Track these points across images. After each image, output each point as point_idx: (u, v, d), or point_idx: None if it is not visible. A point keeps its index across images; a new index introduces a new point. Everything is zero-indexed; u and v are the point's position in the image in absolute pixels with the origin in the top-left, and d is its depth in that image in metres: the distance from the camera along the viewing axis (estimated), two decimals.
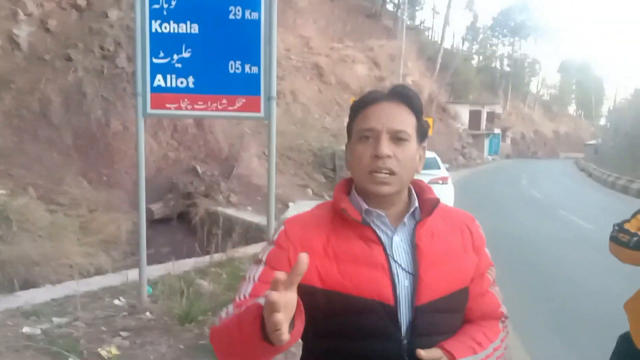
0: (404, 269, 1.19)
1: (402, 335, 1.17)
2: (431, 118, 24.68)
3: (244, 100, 4.71)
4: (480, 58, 68.91)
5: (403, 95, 1.24)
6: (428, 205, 1.27)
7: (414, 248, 1.21)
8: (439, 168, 11.61)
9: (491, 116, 45.73)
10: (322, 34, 28.71)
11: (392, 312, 1.17)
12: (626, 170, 27.90)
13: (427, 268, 1.20)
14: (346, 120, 1.36)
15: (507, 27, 68.14)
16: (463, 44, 68.51)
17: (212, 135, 13.20)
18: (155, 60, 4.74)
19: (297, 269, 0.92)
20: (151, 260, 6.30)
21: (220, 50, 4.68)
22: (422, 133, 1.27)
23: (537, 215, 13.92)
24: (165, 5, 4.67)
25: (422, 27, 52.25)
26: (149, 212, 10.57)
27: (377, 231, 1.22)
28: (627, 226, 2.06)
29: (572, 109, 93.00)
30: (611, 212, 13.63)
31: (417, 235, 1.23)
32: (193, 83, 4.74)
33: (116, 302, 5.10)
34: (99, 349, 3.76)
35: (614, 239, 2.06)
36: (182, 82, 4.74)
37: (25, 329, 4.10)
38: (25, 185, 9.47)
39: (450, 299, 1.22)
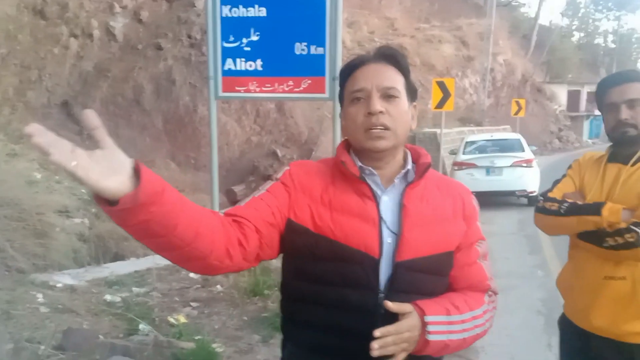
0: (388, 227, 1.22)
1: (381, 288, 1.19)
2: (524, 99, 23.53)
3: (309, 82, 4.76)
4: (582, 34, 64.39)
5: (389, 56, 1.27)
6: (421, 169, 1.29)
7: (401, 208, 1.23)
8: (523, 150, 11.12)
9: (592, 97, 42.63)
10: (408, 14, 28.11)
11: (375, 265, 1.19)
12: None
13: (411, 227, 1.22)
14: (429, 102, 1.39)
15: (613, 0, 62.99)
16: (562, 20, 64.40)
17: (293, 119, 13.44)
18: (225, 45, 4.91)
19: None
20: None
21: (286, 32, 4.76)
22: (411, 92, 1.30)
23: None
24: None
25: (516, 4, 49.57)
26: (232, 193, 11.04)
27: (372, 187, 1.25)
28: (551, 195, 1.96)
29: None
30: None
31: (406, 196, 1.25)
32: (261, 66, 4.87)
33: (192, 275, 5.39)
34: (169, 317, 4.01)
35: (541, 209, 1.96)
36: (250, 65, 4.88)
37: (107, 297, 4.46)
38: None
39: (432, 260, 1.23)
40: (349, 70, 1.28)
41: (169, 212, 1.00)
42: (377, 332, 1.12)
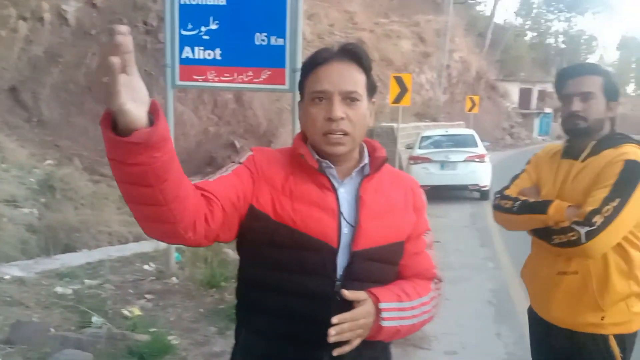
0: (345, 219, 1.26)
1: (337, 277, 1.23)
2: (478, 96, 24.09)
3: (269, 73, 4.74)
4: (534, 34, 66.34)
5: (352, 53, 1.28)
6: (376, 163, 1.32)
7: (358, 200, 1.27)
8: (476, 146, 11.42)
9: (543, 95, 44.03)
10: (368, 8, 28.24)
11: (333, 254, 1.23)
12: None
13: (367, 218, 1.26)
14: (387, 97, 1.40)
15: (564, 2, 65.09)
16: (516, 19, 66.13)
17: (252, 110, 13.34)
18: (184, 33, 4.82)
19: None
20: None
21: (246, 22, 4.72)
22: (371, 89, 1.32)
23: None
24: None
25: (472, 2, 50.60)
26: None
27: (331, 179, 1.28)
28: (507, 192, 2.03)
29: (630, 88, 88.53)
30: None
31: (362, 189, 1.29)
32: (220, 55, 4.81)
33: (146, 267, 5.31)
34: (123, 309, 3.94)
35: (497, 207, 2.03)
36: (209, 54, 4.81)
37: (58, 289, 4.34)
38: (71, 156, 9.88)
39: (385, 250, 1.28)
40: (312, 65, 1.28)
41: (166, 163, 0.98)
42: (334, 319, 1.15)
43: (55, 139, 10.17)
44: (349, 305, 1.19)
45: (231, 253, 5.54)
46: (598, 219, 1.68)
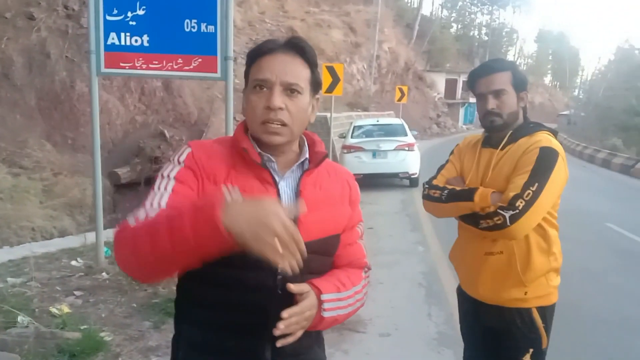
0: None
1: (279, 271, 1.23)
2: (406, 86, 24.71)
3: (200, 60, 4.65)
4: (459, 26, 68.70)
5: (298, 47, 1.29)
6: (316, 158, 1.35)
7: (298, 194, 1.30)
8: (406, 135, 11.76)
9: (467, 85, 45.87)
10: None
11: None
12: (594, 141, 28.48)
13: (307, 212, 1.26)
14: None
15: None
16: (442, 11, 68.18)
17: (181, 99, 13.00)
18: (109, 18, 4.64)
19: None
20: (117, 224, 6.30)
21: (175, 8, 4.59)
22: (315, 85, 1.33)
23: None
24: None
25: None
26: (115, 176, 10.49)
27: (273, 174, 1.29)
28: (435, 182, 2.16)
29: (547, 79, 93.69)
30: (576, 181, 13.94)
31: (302, 184, 1.31)
32: (148, 42, 4.66)
33: (73, 263, 5.10)
34: (51, 307, 3.78)
35: (426, 197, 2.16)
36: (136, 41, 4.66)
37: None
38: None
39: (324, 242, 1.32)
40: (257, 54, 1.28)
41: None
42: (284, 314, 1.17)
43: None
44: (290, 297, 1.22)
45: None
46: (520, 203, 1.81)
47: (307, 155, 1.35)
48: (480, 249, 2.03)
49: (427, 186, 2.16)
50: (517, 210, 1.81)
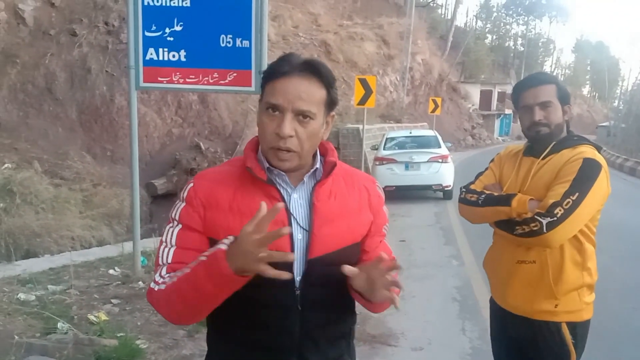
0: (300, 225, 1.28)
1: (296, 286, 1.26)
2: (440, 97, 24.53)
3: (235, 74, 4.75)
4: (494, 37, 67.96)
5: (314, 69, 1.27)
6: (328, 167, 1.34)
7: (311, 206, 1.29)
8: (439, 147, 11.66)
9: (502, 96, 45.15)
10: (331, 10, 28.41)
11: (288, 265, 1.23)
12: (635, 153, 27.64)
13: (321, 225, 1.28)
14: (352, 99, 1.41)
15: (522, 6, 66.96)
16: (476, 22, 67.63)
17: (216, 112, 13.24)
18: (147, 34, 4.78)
19: (268, 217, 1.06)
20: (154, 234, 6.45)
21: (211, 23, 4.71)
22: (331, 103, 1.32)
23: None
24: None
25: (434, 5, 51.45)
26: (152, 187, 10.73)
27: (280, 189, 1.29)
28: (472, 187, 2.15)
29: (586, 90, 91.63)
30: (616, 194, 13.53)
31: (315, 195, 1.30)
32: (185, 57, 4.79)
33: (111, 271, 5.24)
34: (89, 315, 3.88)
35: (463, 200, 2.14)
36: (173, 56, 4.79)
37: (21, 295, 4.24)
38: (31, 159, 9.61)
39: (341, 253, 1.30)
40: (272, 75, 1.27)
41: None
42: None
43: (14, 141, 9.87)
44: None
45: None
46: (559, 211, 1.79)
47: (319, 165, 1.34)
48: (513, 257, 2.01)
49: (464, 190, 2.16)
50: (555, 218, 1.78)
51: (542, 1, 66.37)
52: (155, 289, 1.24)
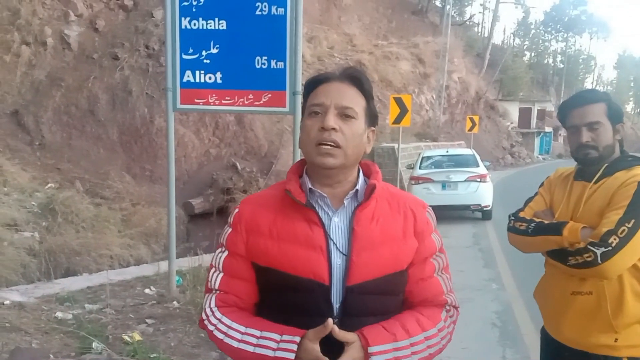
0: (339, 249, 1.23)
1: (334, 314, 1.20)
2: (477, 116, 24.19)
3: (269, 95, 4.77)
4: (532, 54, 66.96)
5: (354, 78, 1.28)
6: (369, 189, 1.29)
7: (351, 230, 1.24)
8: (477, 166, 11.42)
9: (542, 114, 44.26)
10: (367, 31, 28.61)
11: (325, 292, 1.20)
12: None
13: (360, 251, 1.22)
14: (388, 117, 1.40)
15: (561, 22, 65.87)
16: (514, 40, 66.85)
17: (253, 132, 13.39)
18: (184, 57, 4.86)
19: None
20: (190, 253, 6.51)
21: (247, 45, 4.76)
22: (371, 117, 1.31)
23: None
24: (195, 2, 4.78)
25: (470, 23, 51.18)
26: (189, 206, 10.87)
27: (320, 213, 1.26)
28: (522, 215, 2.03)
29: (629, 107, 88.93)
30: None
31: (356, 219, 1.25)
32: (221, 78, 4.85)
33: (147, 291, 5.27)
34: (123, 335, 3.90)
35: (512, 229, 2.02)
36: (210, 78, 4.85)
37: (58, 314, 4.30)
38: (73, 179, 9.90)
39: (382, 282, 1.24)
40: (313, 85, 1.29)
41: None
42: None
43: (57, 162, 10.21)
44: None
45: None
46: (614, 240, 1.67)
47: (359, 187, 1.29)
48: (567, 288, 1.87)
49: (512, 218, 2.04)
50: (610, 248, 1.66)
51: (582, 17, 65.18)
52: (209, 328, 1.27)
